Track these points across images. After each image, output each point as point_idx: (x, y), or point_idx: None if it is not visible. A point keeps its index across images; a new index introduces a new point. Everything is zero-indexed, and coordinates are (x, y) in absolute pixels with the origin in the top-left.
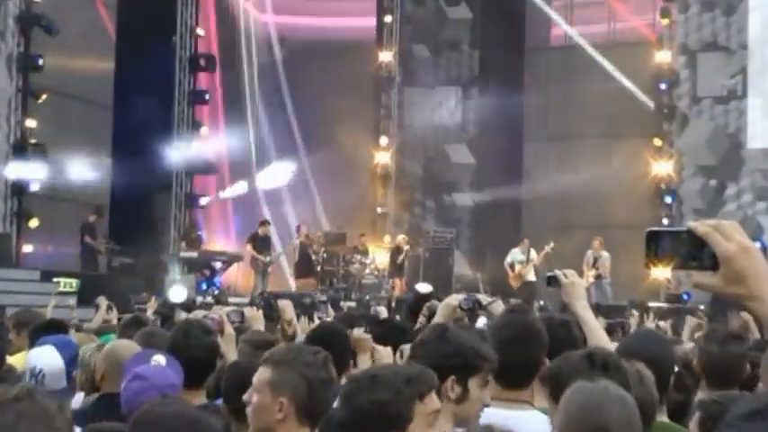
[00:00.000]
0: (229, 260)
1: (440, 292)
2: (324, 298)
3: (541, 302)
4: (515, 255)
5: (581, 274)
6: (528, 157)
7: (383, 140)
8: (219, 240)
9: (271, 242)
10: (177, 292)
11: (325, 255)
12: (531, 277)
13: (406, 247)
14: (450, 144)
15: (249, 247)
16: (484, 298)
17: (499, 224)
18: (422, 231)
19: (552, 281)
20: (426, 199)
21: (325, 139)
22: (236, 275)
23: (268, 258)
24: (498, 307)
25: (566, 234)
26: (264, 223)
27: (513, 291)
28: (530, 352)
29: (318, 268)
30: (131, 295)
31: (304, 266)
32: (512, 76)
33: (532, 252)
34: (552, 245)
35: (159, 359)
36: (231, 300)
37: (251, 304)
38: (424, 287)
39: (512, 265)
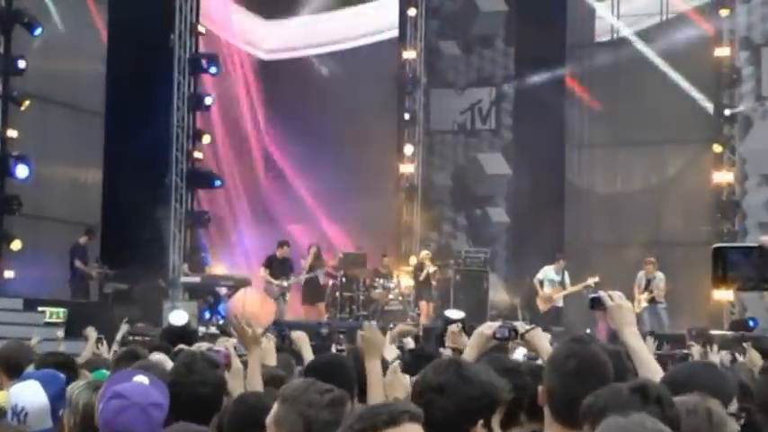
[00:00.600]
0: (236, 285)
1: (473, 319)
2: (342, 328)
3: (588, 330)
4: (548, 273)
5: (632, 297)
6: (571, 166)
7: (407, 149)
8: (224, 262)
9: (289, 265)
10: (178, 316)
11: (343, 278)
12: (560, 303)
13: (429, 265)
14: (483, 152)
15: (264, 271)
16: (521, 325)
17: (539, 243)
18: (452, 251)
19: (596, 303)
20: (457, 215)
21: (341, 148)
22: (243, 303)
23: (286, 283)
24: (537, 336)
25: (615, 253)
26: (283, 244)
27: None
28: (593, 386)
29: (337, 294)
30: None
31: (312, 291)
32: (552, 75)
33: (566, 276)
34: (597, 279)
35: (142, 379)
36: None
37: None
38: (454, 313)
39: (541, 283)
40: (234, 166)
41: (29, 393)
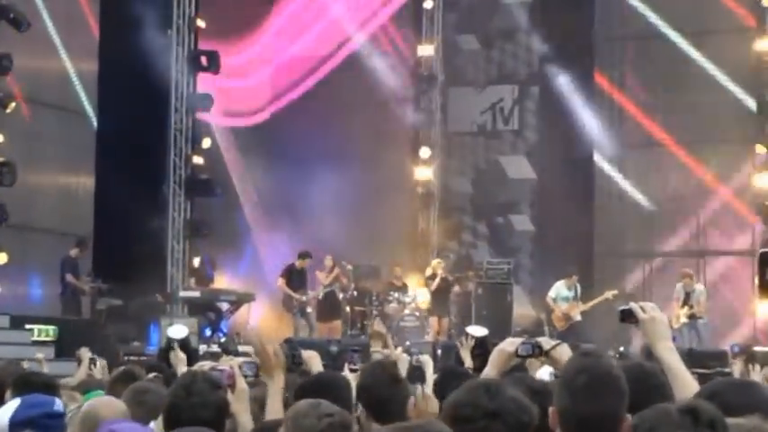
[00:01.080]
0: (238, 300)
1: (496, 336)
2: (355, 346)
3: (621, 348)
4: (560, 290)
5: (670, 312)
6: (601, 169)
7: (424, 152)
8: (225, 275)
9: (307, 278)
10: (177, 330)
11: (355, 292)
12: (578, 317)
13: (441, 274)
14: (505, 155)
15: (282, 282)
16: (546, 341)
17: (567, 253)
18: (472, 263)
19: (626, 316)
20: (477, 223)
21: (352, 152)
22: (246, 318)
23: (305, 298)
24: (564, 352)
25: (649, 263)
26: (305, 256)
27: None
28: (607, 403)
29: (347, 309)
30: (120, 345)
31: (329, 308)
32: (580, 71)
33: (578, 290)
34: (615, 292)
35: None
36: (243, 349)
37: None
38: (477, 330)
39: (554, 301)
40: (237, 171)
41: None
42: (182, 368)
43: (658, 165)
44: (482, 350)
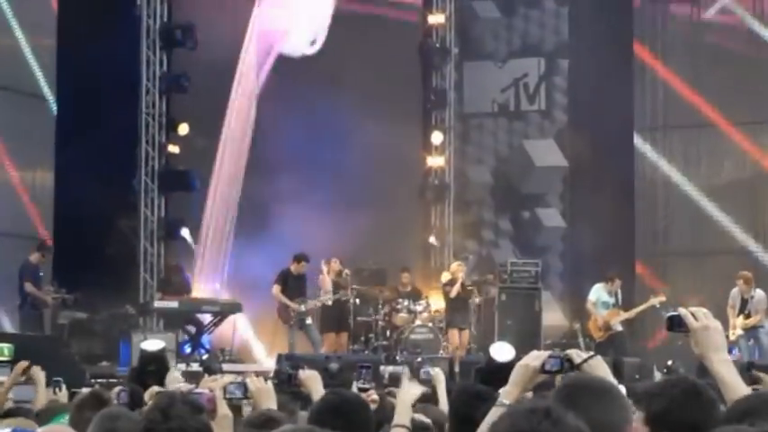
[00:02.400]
0: (223, 311)
1: (522, 351)
2: (367, 363)
3: (669, 362)
4: (600, 293)
5: (725, 321)
6: (642, 154)
7: (436, 137)
8: (207, 283)
9: (305, 285)
10: (152, 342)
11: (357, 300)
12: (618, 327)
13: (462, 279)
14: (531, 139)
15: (277, 289)
16: (577, 354)
17: (603, 252)
18: (494, 265)
19: (675, 324)
20: (499, 218)
21: (350, 138)
22: (232, 332)
23: (303, 307)
24: (598, 367)
25: (700, 265)
26: (301, 259)
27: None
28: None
29: (351, 320)
30: (87, 365)
31: (334, 318)
32: (616, 42)
33: (620, 296)
34: (663, 298)
35: None
36: (229, 368)
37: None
38: (502, 351)
39: (594, 306)
40: (219, 161)
41: None
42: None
43: (709, 148)
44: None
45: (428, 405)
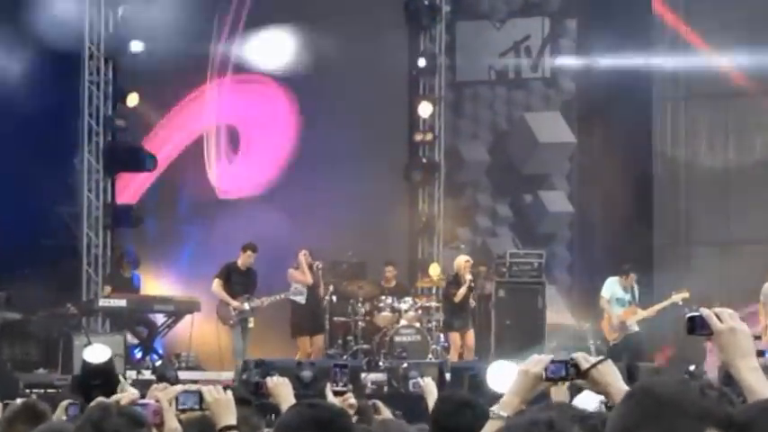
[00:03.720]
0: (178, 311)
1: (523, 354)
2: (342, 362)
3: (692, 367)
4: (614, 288)
5: (756, 321)
6: (662, 129)
7: (424, 109)
8: (161, 278)
9: (255, 280)
10: (96, 351)
11: (333, 297)
12: (635, 327)
13: (468, 277)
14: (534, 111)
15: (217, 285)
16: (584, 358)
17: (618, 240)
18: (491, 256)
19: (697, 326)
20: (497, 202)
21: (325, 109)
22: (189, 334)
23: (247, 306)
24: (608, 372)
25: (727, 256)
26: (248, 248)
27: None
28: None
29: (326, 320)
30: (20, 373)
31: (310, 318)
32: None
33: (636, 292)
34: (686, 295)
35: None
36: (186, 376)
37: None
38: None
39: (608, 303)
40: (176, 137)
41: None
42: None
43: (738, 121)
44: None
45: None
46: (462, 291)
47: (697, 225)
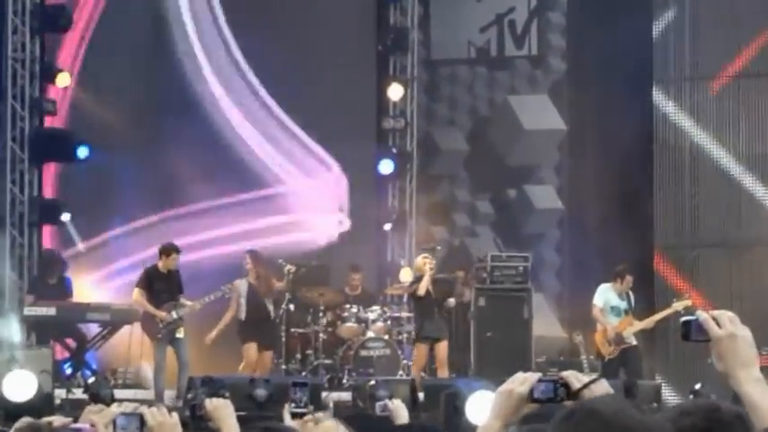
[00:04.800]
0: (114, 321)
1: (507, 371)
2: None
3: (698, 386)
4: (608, 295)
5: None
6: (664, 113)
7: (394, 91)
8: (95, 284)
9: (180, 285)
10: (20, 384)
11: (291, 306)
12: (632, 339)
13: (429, 274)
14: (518, 94)
15: (139, 294)
16: (574, 377)
17: (613, 240)
18: (469, 258)
19: (692, 331)
20: (477, 198)
21: (283, 90)
22: (127, 347)
23: (175, 314)
24: (603, 392)
25: (739, 258)
26: (170, 251)
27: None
28: None
29: (283, 332)
30: None
31: (254, 329)
32: None
33: (632, 299)
34: (689, 303)
35: None
36: (123, 395)
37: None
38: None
39: (601, 312)
40: (111, 122)
41: None
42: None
43: (751, 106)
44: None
45: None
46: (425, 282)
47: (704, 223)
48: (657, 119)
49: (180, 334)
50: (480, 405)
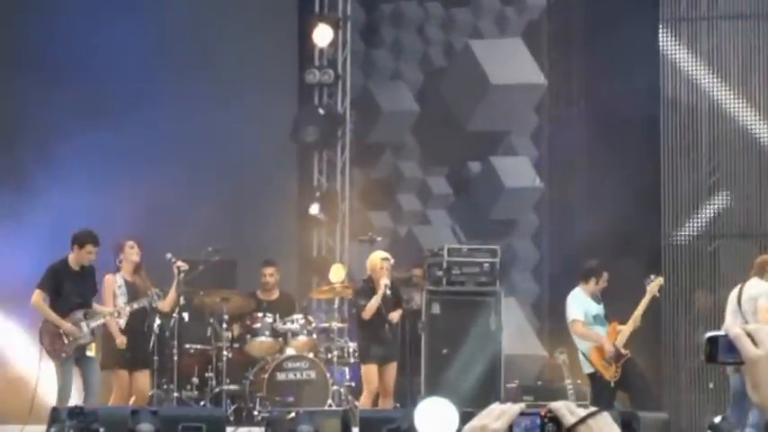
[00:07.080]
0: None
1: (471, 400)
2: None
3: (717, 419)
4: (584, 303)
5: None
6: (671, 60)
7: (321, 35)
8: None
9: (94, 283)
10: None
11: (184, 314)
12: (628, 352)
13: (386, 280)
14: (483, 39)
15: (40, 297)
16: (567, 409)
17: (607, 229)
18: (420, 252)
19: (721, 349)
20: (430, 173)
21: (183, 40)
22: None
23: (85, 327)
24: (605, 425)
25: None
26: (84, 241)
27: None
28: None
29: (173, 346)
30: None
31: (129, 345)
32: None
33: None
34: (660, 280)
35: None
36: None
37: None
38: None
39: (584, 326)
40: None
41: None
42: None
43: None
44: None
45: None
46: (374, 302)
47: (723, 210)
48: (665, 68)
49: (91, 352)
50: (431, 415)
